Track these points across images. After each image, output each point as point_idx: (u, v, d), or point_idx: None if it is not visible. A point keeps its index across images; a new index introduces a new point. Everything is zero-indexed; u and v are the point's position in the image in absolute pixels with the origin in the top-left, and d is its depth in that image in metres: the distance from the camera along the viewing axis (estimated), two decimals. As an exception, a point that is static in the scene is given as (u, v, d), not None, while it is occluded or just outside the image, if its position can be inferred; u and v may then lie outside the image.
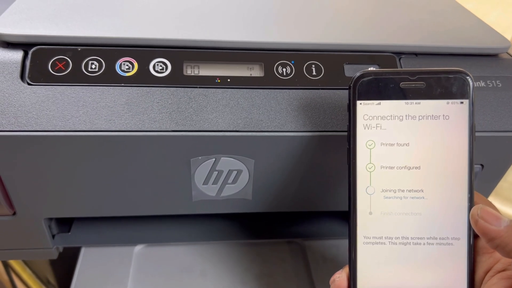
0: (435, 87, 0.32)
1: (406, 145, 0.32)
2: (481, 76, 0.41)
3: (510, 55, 0.44)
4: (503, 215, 0.29)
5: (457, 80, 0.32)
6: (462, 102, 0.32)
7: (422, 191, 0.32)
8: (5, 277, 0.82)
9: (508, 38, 0.44)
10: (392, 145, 0.33)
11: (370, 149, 0.33)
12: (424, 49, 0.42)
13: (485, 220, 0.29)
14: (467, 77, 0.32)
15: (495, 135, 0.40)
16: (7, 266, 0.81)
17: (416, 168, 0.32)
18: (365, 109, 0.33)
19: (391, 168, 0.33)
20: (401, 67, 0.41)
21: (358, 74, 0.33)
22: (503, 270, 0.30)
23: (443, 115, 0.32)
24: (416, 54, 0.42)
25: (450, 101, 0.32)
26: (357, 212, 0.33)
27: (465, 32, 0.44)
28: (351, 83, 0.33)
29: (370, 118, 0.33)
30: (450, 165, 0.32)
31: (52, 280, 0.81)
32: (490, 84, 0.41)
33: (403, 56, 0.41)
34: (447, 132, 0.32)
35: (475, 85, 0.41)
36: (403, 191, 0.33)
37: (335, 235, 0.49)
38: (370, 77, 0.32)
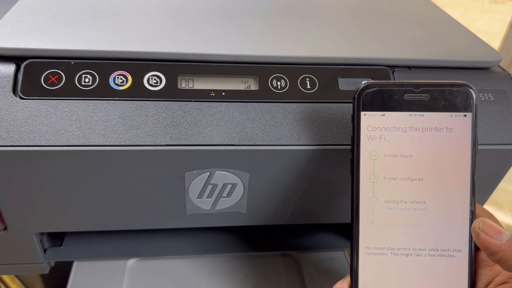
0: (439, 99, 0.32)
1: (410, 156, 0.33)
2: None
3: (501, 68, 0.44)
4: (504, 229, 0.30)
5: (461, 93, 0.32)
6: (465, 115, 0.32)
7: (424, 202, 0.33)
8: (-6, 289, 0.81)
9: (497, 44, 0.45)
10: (395, 156, 0.33)
11: (374, 160, 0.33)
12: (417, 62, 0.42)
13: (486, 233, 0.29)
14: (471, 90, 0.32)
15: (487, 148, 0.40)
16: (-3, 279, 0.79)
17: (419, 179, 0.33)
18: (369, 120, 0.33)
19: (394, 179, 0.33)
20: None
21: (362, 85, 0.33)
22: (504, 283, 0.30)
23: (447, 128, 0.32)
24: (409, 67, 0.42)
25: (453, 113, 0.32)
26: (360, 222, 0.33)
27: (457, 45, 0.45)
28: (355, 94, 0.33)
29: (374, 129, 0.33)
30: (453, 177, 0.32)
31: (42, 291, 0.80)
32: (482, 98, 0.41)
33: (396, 69, 0.42)
34: (450, 145, 0.32)
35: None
36: (405, 202, 0.33)
37: (329, 247, 0.49)
38: (375, 89, 0.33)
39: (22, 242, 0.42)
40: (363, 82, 0.33)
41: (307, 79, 0.40)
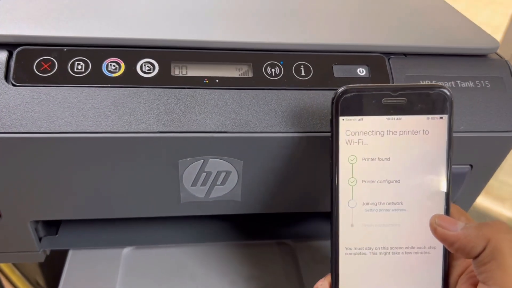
0: (416, 102, 0.33)
1: (387, 159, 0.33)
2: (470, 77, 0.41)
3: (498, 55, 0.44)
4: (459, 220, 0.31)
5: (437, 95, 0.33)
6: (441, 117, 0.33)
7: (401, 203, 0.33)
8: (-6, 279, 0.81)
9: (499, 37, 0.45)
10: (373, 160, 0.33)
11: (352, 164, 0.33)
12: (413, 49, 0.42)
13: (442, 226, 0.31)
14: (447, 92, 0.33)
15: (484, 135, 0.40)
16: (-4, 269, 0.80)
17: (396, 181, 0.33)
18: (348, 124, 0.33)
19: (372, 182, 0.33)
20: (390, 68, 0.41)
21: (340, 89, 0.33)
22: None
23: (423, 130, 0.33)
24: (405, 54, 0.42)
25: (430, 116, 0.33)
26: (339, 224, 0.34)
27: (454, 32, 0.44)
28: (333, 99, 0.33)
29: (353, 133, 0.33)
30: (429, 178, 0.33)
31: (41, 282, 0.80)
32: (479, 85, 0.41)
33: (392, 56, 0.41)
34: (426, 147, 0.33)
35: (464, 86, 0.41)
36: (383, 204, 0.34)
37: (325, 236, 0.48)
38: (353, 93, 0.33)
39: (17, 230, 0.42)
40: (342, 87, 0.33)
41: (302, 66, 0.40)
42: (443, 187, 0.33)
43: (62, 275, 0.43)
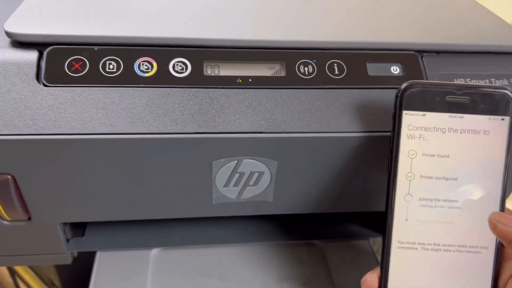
0: (479, 102, 0.33)
1: (446, 157, 0.34)
2: (504, 74, 0.41)
3: (531, 52, 0.43)
4: None
5: (500, 97, 0.33)
6: (503, 119, 0.33)
7: (457, 201, 0.34)
8: (9, 280, 0.81)
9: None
10: (433, 156, 0.34)
11: (412, 158, 0.34)
12: (446, 47, 0.41)
13: (502, 223, 0.31)
14: (510, 94, 0.33)
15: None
16: (11, 269, 0.80)
17: (454, 179, 0.34)
18: (410, 119, 0.33)
19: (430, 178, 0.34)
20: (423, 65, 0.40)
21: (405, 84, 0.33)
22: None
23: (484, 130, 0.33)
24: (437, 52, 0.41)
25: (492, 117, 0.33)
26: (394, 218, 0.34)
27: (486, 30, 0.44)
28: (398, 93, 0.33)
29: (414, 128, 0.33)
30: (486, 179, 0.34)
31: (56, 282, 0.80)
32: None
33: (425, 54, 0.41)
34: (486, 147, 0.33)
35: (498, 84, 0.40)
36: (439, 200, 0.34)
37: (354, 236, 0.48)
38: (418, 89, 0.33)
39: (46, 232, 0.42)
40: (406, 82, 0.33)
41: (335, 65, 0.39)
42: (499, 189, 0.33)
43: (92, 277, 0.43)
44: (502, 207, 0.34)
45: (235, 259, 0.45)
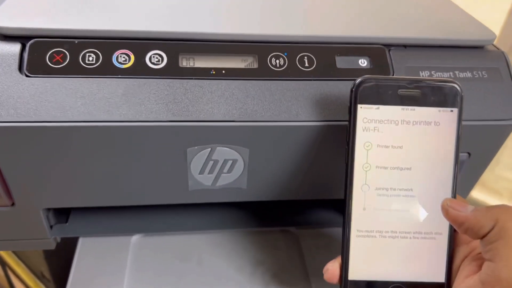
0: (429, 95, 0.35)
1: (400, 147, 0.35)
2: (468, 67, 0.43)
3: (495, 47, 0.45)
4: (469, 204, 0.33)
5: (449, 90, 0.35)
6: (452, 111, 0.35)
7: (411, 190, 0.35)
8: (0, 272, 0.83)
9: (496, 32, 0.46)
10: (387, 147, 0.35)
11: (367, 150, 0.35)
12: (413, 41, 0.43)
13: (453, 208, 0.32)
14: (458, 88, 0.35)
15: (482, 124, 0.41)
16: (2, 262, 0.81)
17: (407, 169, 0.35)
18: (365, 112, 0.35)
19: (385, 168, 0.35)
20: (390, 59, 0.42)
21: (360, 79, 0.35)
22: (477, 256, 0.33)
23: (434, 122, 0.35)
24: (405, 46, 0.43)
25: (441, 109, 0.35)
26: (352, 207, 0.35)
27: (452, 25, 0.46)
28: (353, 87, 0.35)
29: (369, 121, 0.35)
30: (438, 167, 0.35)
31: (46, 274, 0.82)
32: (476, 75, 0.42)
33: (392, 48, 0.43)
34: (437, 138, 0.35)
35: (462, 76, 0.42)
36: (394, 189, 0.35)
37: (328, 224, 0.50)
38: (371, 83, 0.35)
39: (29, 218, 0.43)
40: (361, 77, 0.35)
41: (305, 58, 0.41)
42: (451, 176, 0.35)
43: (73, 261, 0.44)
44: (454, 194, 0.35)
45: (213, 245, 0.47)
